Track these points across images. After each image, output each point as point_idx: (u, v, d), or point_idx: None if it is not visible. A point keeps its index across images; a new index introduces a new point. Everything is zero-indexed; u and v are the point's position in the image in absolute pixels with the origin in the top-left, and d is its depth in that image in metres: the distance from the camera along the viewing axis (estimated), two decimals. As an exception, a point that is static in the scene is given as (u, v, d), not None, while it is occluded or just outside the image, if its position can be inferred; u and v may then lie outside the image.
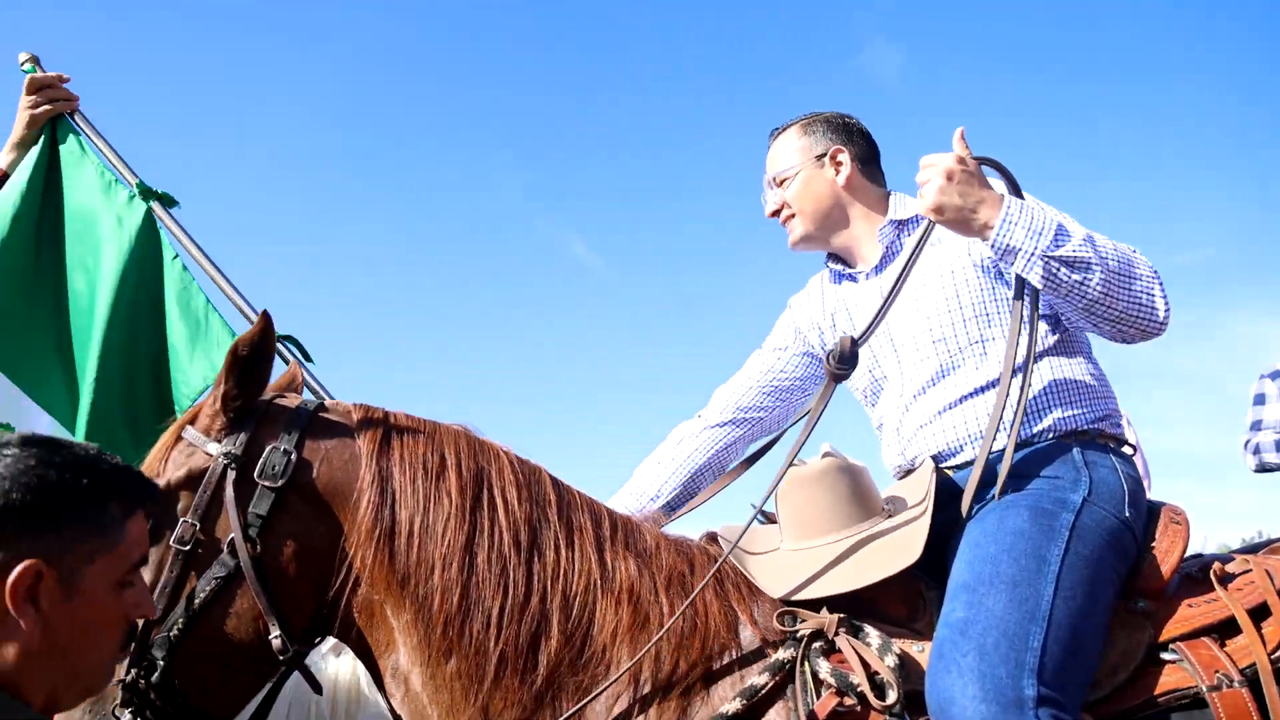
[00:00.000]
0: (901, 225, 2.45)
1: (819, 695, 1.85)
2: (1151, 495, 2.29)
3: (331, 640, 3.24)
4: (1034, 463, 2.14)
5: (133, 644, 1.89)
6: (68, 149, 3.13)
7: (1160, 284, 2.07)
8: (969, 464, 2.19)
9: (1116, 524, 2.03)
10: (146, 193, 3.07)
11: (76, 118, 3.16)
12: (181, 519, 1.97)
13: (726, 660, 1.96)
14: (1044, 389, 2.23)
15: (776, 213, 2.55)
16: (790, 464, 2.15)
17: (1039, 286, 2.07)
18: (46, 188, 3.08)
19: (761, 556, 2.17)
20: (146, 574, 1.85)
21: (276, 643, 1.94)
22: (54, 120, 3.13)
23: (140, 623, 1.85)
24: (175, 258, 3.05)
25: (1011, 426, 2.12)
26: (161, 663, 1.91)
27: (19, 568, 1.36)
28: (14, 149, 3.09)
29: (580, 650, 1.95)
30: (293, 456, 2.02)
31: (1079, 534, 1.96)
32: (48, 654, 1.41)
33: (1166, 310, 2.08)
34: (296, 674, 2.09)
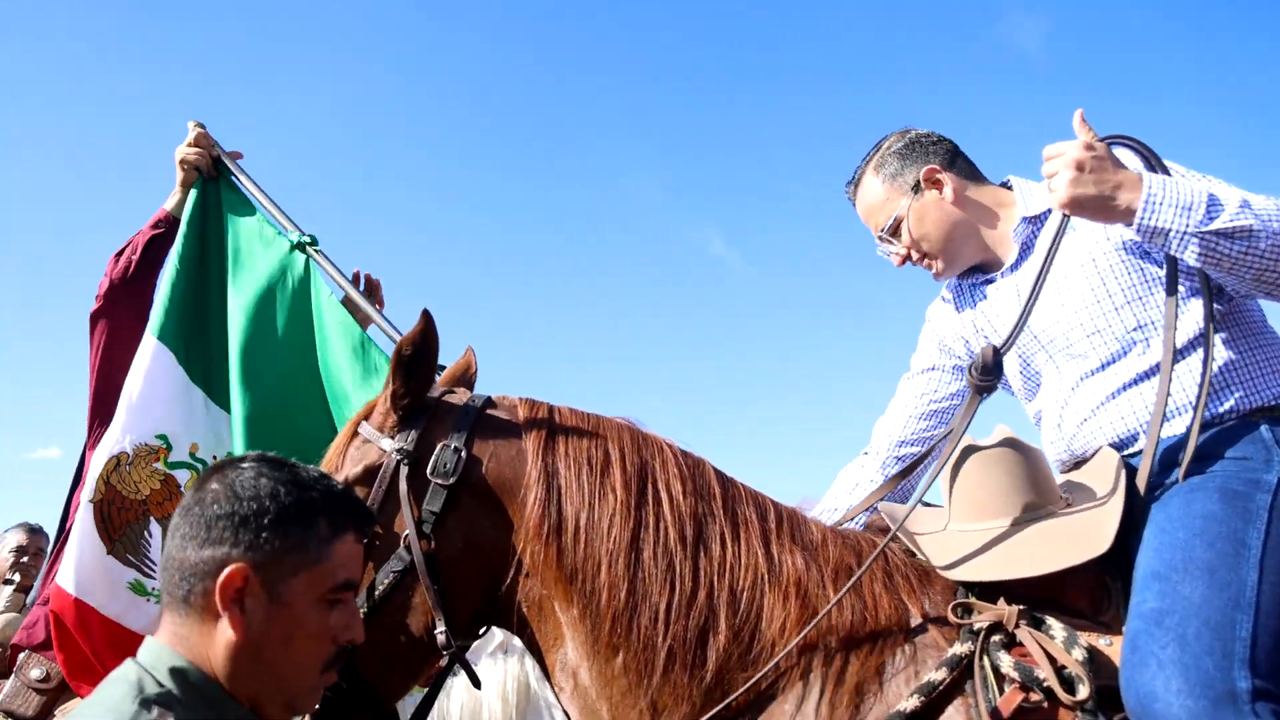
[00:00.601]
0: (1035, 220, 2.32)
1: (1001, 691, 1.76)
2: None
3: (499, 637, 3.33)
4: (1217, 443, 2.01)
5: (339, 665, 1.96)
6: (230, 198, 3.39)
7: None
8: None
9: None
10: (303, 244, 3.29)
11: (237, 172, 3.40)
12: None
13: (899, 655, 1.89)
14: (1220, 366, 2.09)
15: (906, 259, 2.43)
16: (933, 479, 2.09)
17: (1197, 265, 1.93)
18: (212, 235, 3.32)
19: (928, 536, 2.09)
20: None
21: (441, 638, 1.98)
22: (218, 173, 3.40)
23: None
24: (330, 295, 3.23)
25: (1196, 406, 1.99)
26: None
27: (228, 569, 1.47)
28: (177, 192, 3.38)
29: (749, 645, 1.92)
30: (463, 454, 2.04)
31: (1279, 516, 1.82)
32: (251, 657, 1.50)
33: None
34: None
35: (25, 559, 4.90)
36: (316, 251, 3.30)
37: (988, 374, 2.00)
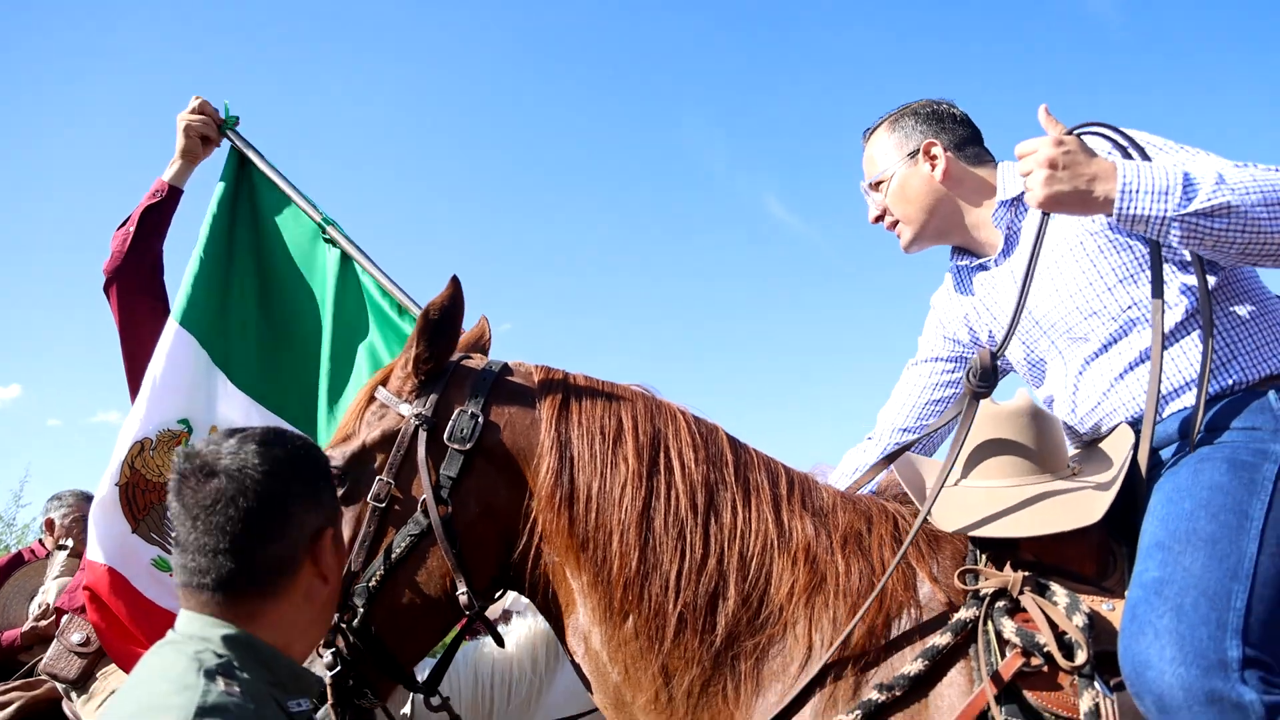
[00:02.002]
0: (1014, 203, 2.32)
1: (1003, 655, 1.81)
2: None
3: None
4: (1227, 414, 2.01)
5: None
6: (252, 176, 3.42)
7: None
8: (1159, 421, 2.08)
9: None
10: (325, 225, 3.34)
11: (244, 147, 3.41)
12: (377, 477, 2.08)
13: (905, 620, 1.94)
14: (1222, 337, 2.08)
15: (879, 218, 2.45)
16: (941, 485, 2.02)
17: (1180, 247, 1.94)
18: (242, 216, 3.38)
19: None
20: (346, 529, 2.06)
21: (463, 599, 2.04)
22: (235, 141, 3.43)
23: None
24: (362, 271, 3.30)
25: (1200, 378, 2.01)
26: (362, 610, 2.03)
27: (325, 535, 1.66)
28: (176, 160, 3.38)
29: (757, 611, 1.97)
30: (480, 420, 2.09)
31: None
32: (328, 603, 1.73)
33: None
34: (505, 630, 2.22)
35: (80, 525, 5.12)
36: (336, 230, 3.34)
37: (985, 380, 2.01)
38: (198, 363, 3.12)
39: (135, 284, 3.28)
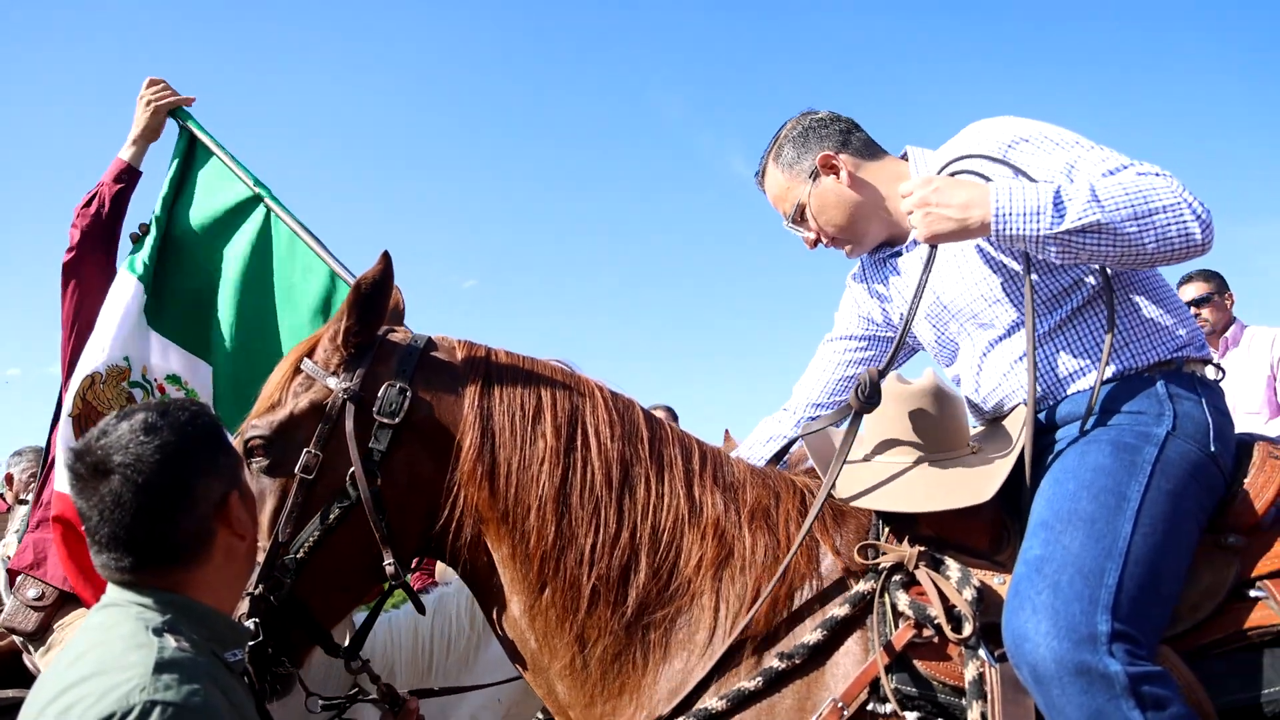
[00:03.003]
0: None
1: (897, 626, 1.92)
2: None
3: None
4: (1117, 398, 2.10)
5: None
6: (197, 145, 3.57)
7: (1189, 206, 1.92)
8: (1056, 405, 2.17)
9: (1201, 458, 1.99)
10: (258, 196, 3.48)
11: (190, 125, 3.55)
12: (305, 449, 2.12)
13: (807, 591, 2.03)
14: (1119, 325, 2.14)
15: (816, 243, 2.46)
16: (829, 490, 2.09)
17: (1058, 261, 2.01)
18: (185, 187, 3.53)
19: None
20: (271, 498, 2.13)
21: (390, 569, 2.11)
22: (179, 118, 3.57)
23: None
24: (292, 237, 3.44)
25: (1101, 364, 2.09)
26: (289, 581, 2.10)
27: (230, 499, 1.70)
28: (134, 142, 3.51)
29: (667, 583, 2.06)
30: (409, 395, 2.14)
31: (1162, 469, 1.94)
32: (251, 552, 1.80)
33: (1204, 230, 1.93)
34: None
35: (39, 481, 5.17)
36: (271, 199, 3.45)
37: (871, 399, 2.09)
38: (140, 307, 3.31)
39: (98, 267, 3.41)
